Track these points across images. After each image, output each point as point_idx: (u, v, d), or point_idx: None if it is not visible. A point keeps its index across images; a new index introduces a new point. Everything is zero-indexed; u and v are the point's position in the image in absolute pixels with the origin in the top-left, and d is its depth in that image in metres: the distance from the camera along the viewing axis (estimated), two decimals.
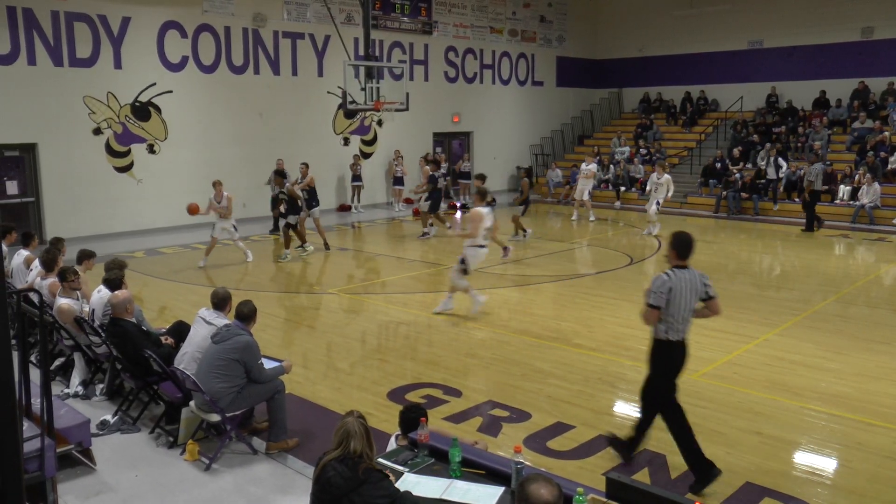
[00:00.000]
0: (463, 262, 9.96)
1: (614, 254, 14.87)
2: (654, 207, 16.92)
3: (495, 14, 25.49)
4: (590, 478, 5.34)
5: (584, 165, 19.65)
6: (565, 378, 7.79)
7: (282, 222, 14.56)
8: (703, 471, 5.42)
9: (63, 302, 7.36)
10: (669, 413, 5.60)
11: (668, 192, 16.85)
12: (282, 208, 14.17)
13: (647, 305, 5.43)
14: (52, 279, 7.86)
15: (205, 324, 6.30)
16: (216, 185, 13.61)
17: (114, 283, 7.17)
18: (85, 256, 8.43)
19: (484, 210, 9.97)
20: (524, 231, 16.33)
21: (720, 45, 26.00)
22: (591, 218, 19.46)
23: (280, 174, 14.76)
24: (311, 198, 14.96)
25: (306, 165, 16.34)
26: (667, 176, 16.89)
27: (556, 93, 28.33)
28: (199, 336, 6.26)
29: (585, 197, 19.42)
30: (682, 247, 5.49)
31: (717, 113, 25.95)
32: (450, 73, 24.31)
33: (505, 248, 13.80)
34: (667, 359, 5.59)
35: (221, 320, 6.28)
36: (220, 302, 6.42)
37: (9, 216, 14.42)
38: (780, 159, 20.66)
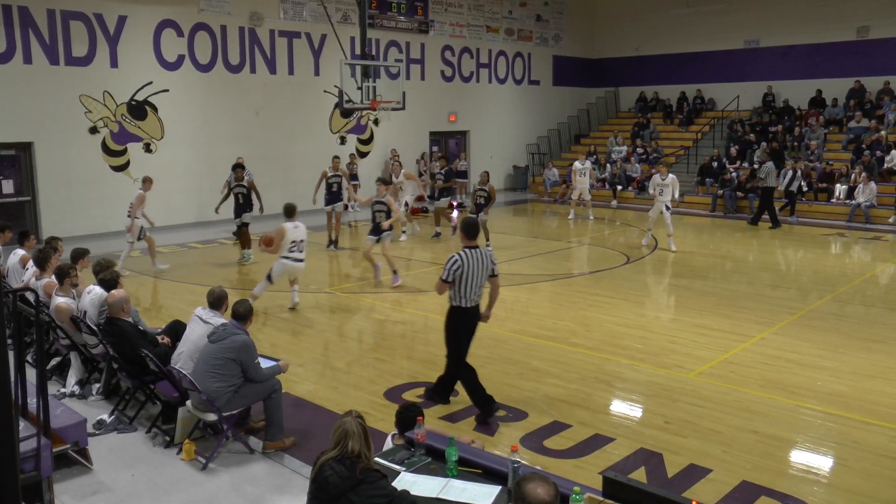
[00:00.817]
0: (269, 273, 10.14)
1: (611, 253, 14.88)
2: (664, 212, 14.92)
3: (492, 13, 25.49)
4: (586, 476, 5.34)
5: (578, 164, 19.61)
6: (562, 377, 7.79)
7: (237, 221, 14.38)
8: (485, 406, 6.67)
9: (61, 301, 7.34)
10: (462, 371, 6.79)
11: (674, 192, 15.29)
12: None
13: (440, 280, 6.61)
14: (47, 279, 7.83)
15: (201, 322, 6.29)
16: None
17: (109, 283, 7.16)
18: (79, 255, 8.41)
19: (289, 225, 9.96)
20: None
21: (717, 45, 26.03)
22: (590, 217, 19.45)
23: (240, 167, 14.64)
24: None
25: (339, 158, 16.66)
26: (671, 176, 15.40)
27: (552, 92, 28.34)
28: (195, 335, 6.25)
29: (587, 196, 19.41)
30: (469, 230, 6.65)
31: (714, 112, 25.98)
32: (446, 73, 24.31)
33: (394, 274, 12.04)
34: (458, 321, 6.74)
35: (218, 319, 6.27)
36: (215, 301, 6.41)
37: (4, 215, 14.37)
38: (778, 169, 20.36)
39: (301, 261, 10.15)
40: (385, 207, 12.27)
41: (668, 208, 14.91)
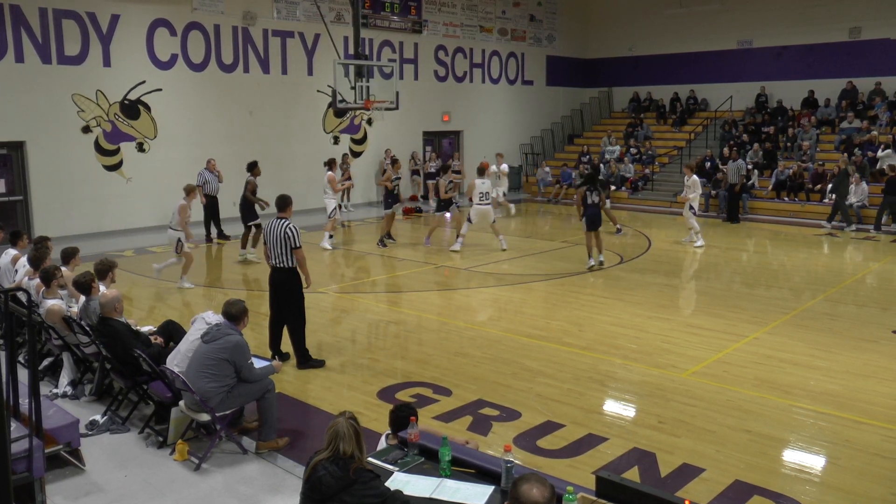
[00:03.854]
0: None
1: (605, 252, 14.87)
2: (689, 214, 15.54)
3: (485, 13, 25.50)
4: (580, 476, 5.34)
5: (495, 168, 19.08)
6: (555, 377, 7.80)
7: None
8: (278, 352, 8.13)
9: (51, 303, 7.31)
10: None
11: (697, 193, 15.53)
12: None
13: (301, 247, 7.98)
14: (39, 279, 7.82)
15: (205, 324, 6.27)
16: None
17: (83, 285, 7.16)
18: (69, 255, 8.38)
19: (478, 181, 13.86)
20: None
21: (710, 45, 26.11)
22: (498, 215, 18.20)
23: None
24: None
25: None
26: (694, 177, 15.53)
27: (546, 92, 28.37)
28: (195, 335, 6.24)
29: (501, 199, 19.52)
30: (280, 202, 8.06)
31: (707, 112, 26.05)
32: (440, 72, 24.30)
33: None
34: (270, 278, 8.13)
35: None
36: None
37: None
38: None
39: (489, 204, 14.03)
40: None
41: (693, 210, 15.64)
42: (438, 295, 11.67)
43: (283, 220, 7.92)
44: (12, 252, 9.16)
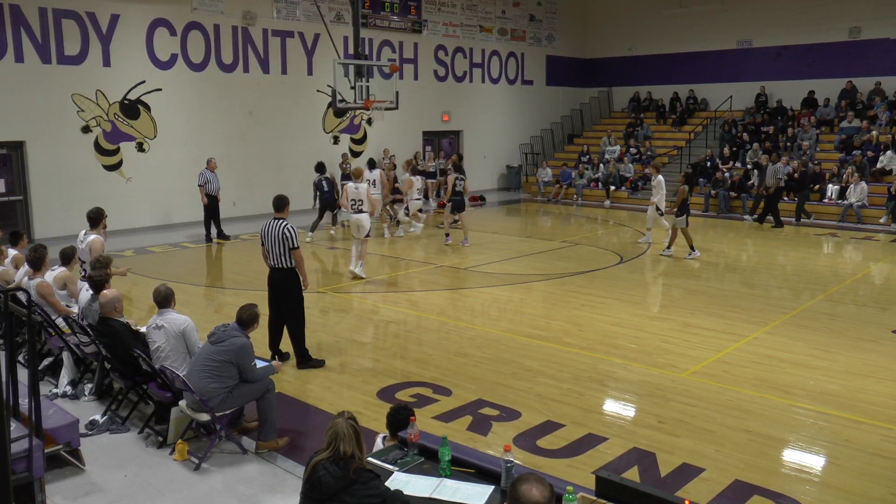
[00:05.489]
0: None
1: (604, 252, 14.90)
2: (654, 214, 15.72)
3: (485, 13, 25.50)
4: (579, 476, 5.34)
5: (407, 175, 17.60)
6: (555, 376, 7.80)
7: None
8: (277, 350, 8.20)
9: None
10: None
11: (663, 195, 15.49)
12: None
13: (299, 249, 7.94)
14: (40, 279, 7.84)
15: (155, 329, 6.40)
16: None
17: (98, 283, 7.16)
18: (68, 256, 8.40)
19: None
20: (692, 248, 14.26)
21: (710, 45, 26.11)
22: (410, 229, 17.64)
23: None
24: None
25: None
26: (660, 177, 15.45)
27: (545, 92, 28.37)
28: (160, 339, 6.36)
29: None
30: (277, 202, 8.09)
31: (707, 112, 26.06)
32: (440, 72, 24.31)
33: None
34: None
35: (169, 314, 6.41)
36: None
37: None
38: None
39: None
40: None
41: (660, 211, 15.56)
42: (438, 295, 11.67)
43: (281, 221, 7.92)
44: (12, 252, 9.17)
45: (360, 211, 12.29)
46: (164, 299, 6.49)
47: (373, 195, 16.34)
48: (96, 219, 8.71)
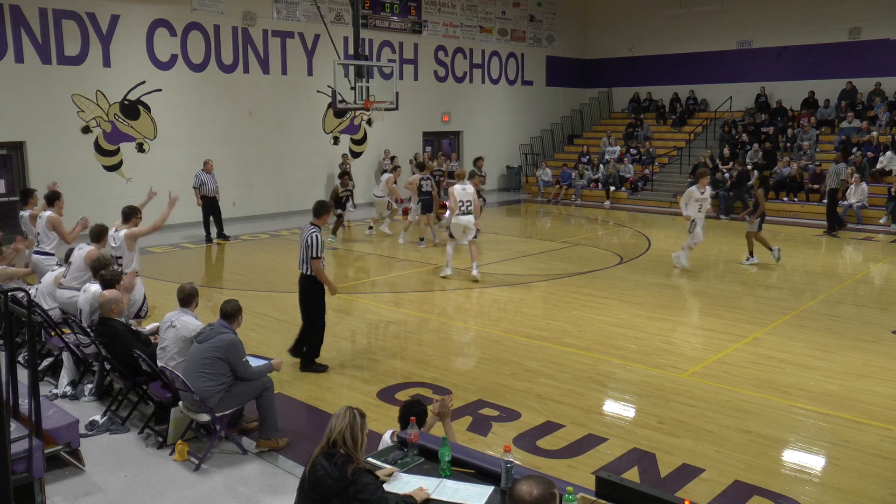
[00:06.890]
0: None
1: (604, 253, 14.91)
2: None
3: (485, 13, 25.51)
4: (579, 476, 5.35)
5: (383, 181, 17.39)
6: (555, 377, 7.80)
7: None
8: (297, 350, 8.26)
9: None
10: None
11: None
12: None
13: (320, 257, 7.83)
14: (92, 247, 8.41)
15: (169, 327, 6.40)
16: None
17: (109, 282, 7.16)
18: (100, 234, 8.61)
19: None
20: (751, 254, 13.71)
21: (710, 45, 26.11)
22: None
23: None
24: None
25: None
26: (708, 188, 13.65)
27: (545, 92, 28.38)
28: (169, 338, 6.37)
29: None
30: (316, 208, 7.93)
31: (707, 113, 26.05)
32: (439, 73, 24.31)
33: None
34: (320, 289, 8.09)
35: (185, 317, 6.38)
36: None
37: None
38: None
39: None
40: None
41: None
42: (438, 295, 11.67)
43: (312, 228, 7.85)
44: (27, 213, 9.61)
45: (468, 212, 12.18)
46: (186, 297, 6.47)
47: (380, 197, 17.43)
48: (129, 214, 9.15)
